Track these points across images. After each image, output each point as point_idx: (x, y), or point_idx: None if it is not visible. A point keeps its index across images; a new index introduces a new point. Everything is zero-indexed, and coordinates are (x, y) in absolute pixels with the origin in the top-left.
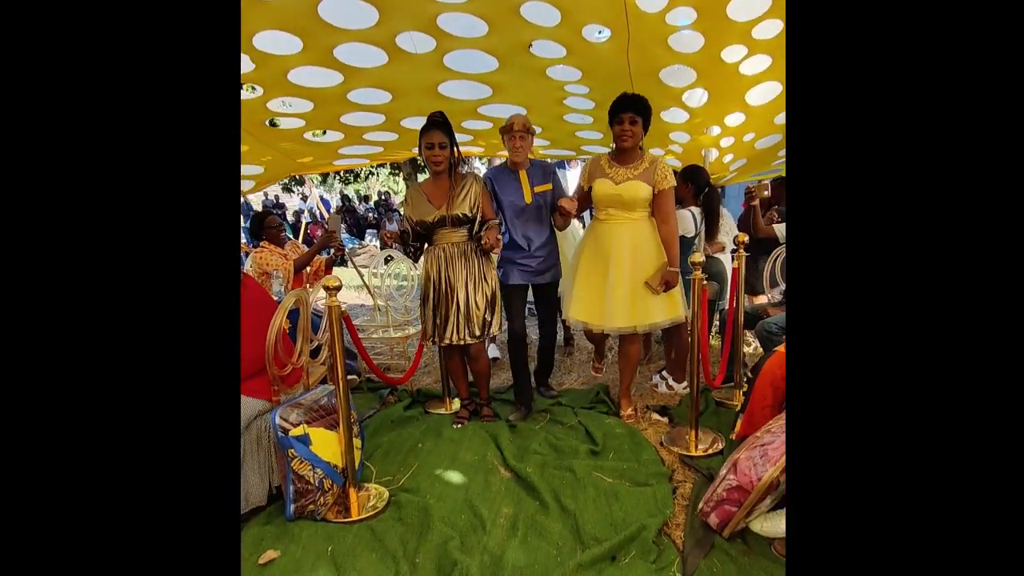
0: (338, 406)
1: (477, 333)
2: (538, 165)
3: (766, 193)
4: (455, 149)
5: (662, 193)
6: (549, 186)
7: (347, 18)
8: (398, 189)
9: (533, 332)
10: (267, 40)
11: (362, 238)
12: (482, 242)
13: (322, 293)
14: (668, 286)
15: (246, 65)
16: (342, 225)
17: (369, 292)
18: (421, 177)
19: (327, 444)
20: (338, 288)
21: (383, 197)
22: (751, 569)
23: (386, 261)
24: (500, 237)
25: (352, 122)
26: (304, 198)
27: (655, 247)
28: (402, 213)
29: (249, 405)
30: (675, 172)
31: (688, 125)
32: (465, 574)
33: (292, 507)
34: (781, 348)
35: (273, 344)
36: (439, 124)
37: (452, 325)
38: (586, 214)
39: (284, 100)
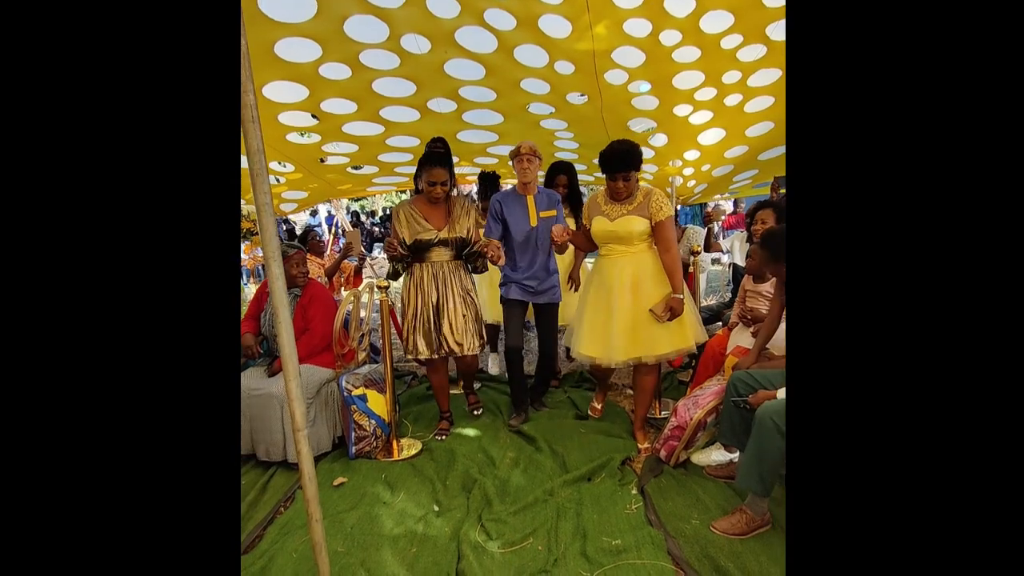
0: (385, 376)
1: (479, 343)
2: (545, 193)
3: (723, 217)
4: (452, 179)
5: (660, 224)
6: (554, 212)
7: (393, 90)
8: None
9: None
10: (332, 104)
11: (370, 251)
12: (489, 257)
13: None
14: (673, 313)
15: (311, 120)
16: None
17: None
18: None
19: (378, 403)
20: (387, 288)
21: (387, 212)
22: (687, 483)
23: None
24: (500, 246)
25: (387, 159)
26: (314, 213)
27: (658, 277)
28: (392, 230)
29: (319, 373)
30: None
31: (655, 159)
32: (482, 488)
33: (353, 448)
34: (719, 332)
35: (339, 330)
36: (442, 159)
37: (452, 337)
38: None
39: (335, 144)
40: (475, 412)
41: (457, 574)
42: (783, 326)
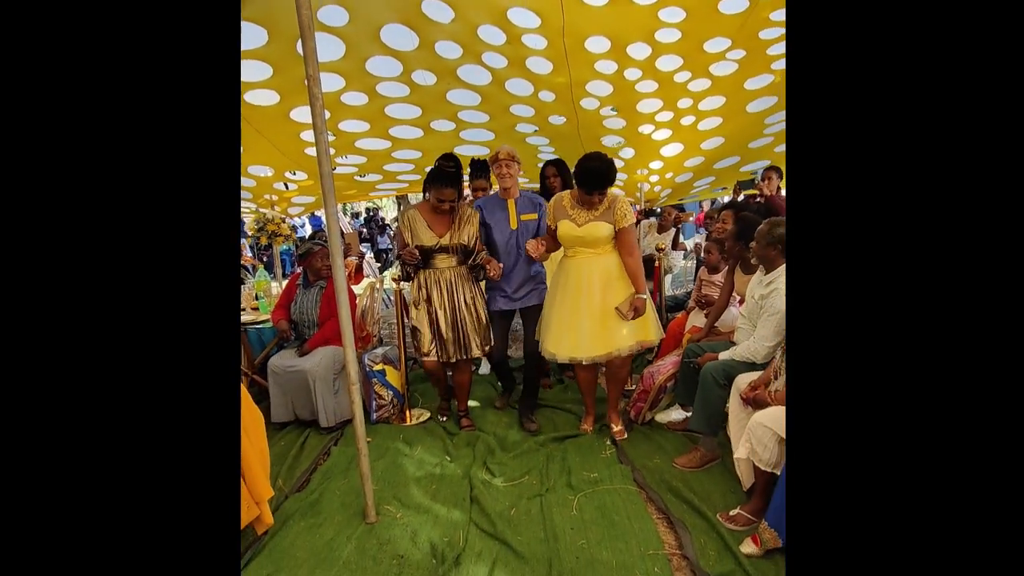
0: (399, 355)
1: (479, 351)
2: (526, 196)
3: (691, 219)
4: (460, 196)
5: (624, 231)
6: (535, 215)
7: (402, 113)
8: (382, 204)
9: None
10: (348, 124)
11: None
12: (490, 276)
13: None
14: (637, 312)
15: (331, 138)
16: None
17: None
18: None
19: (393, 377)
20: (399, 279)
21: (370, 213)
22: (652, 436)
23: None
24: (501, 267)
25: (391, 169)
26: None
27: (623, 277)
28: (398, 234)
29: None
30: None
31: (625, 168)
32: (485, 442)
33: (375, 415)
34: (679, 316)
35: (360, 317)
36: (452, 179)
37: (467, 342)
38: None
39: (345, 156)
40: (464, 430)
41: (471, 500)
42: (732, 309)
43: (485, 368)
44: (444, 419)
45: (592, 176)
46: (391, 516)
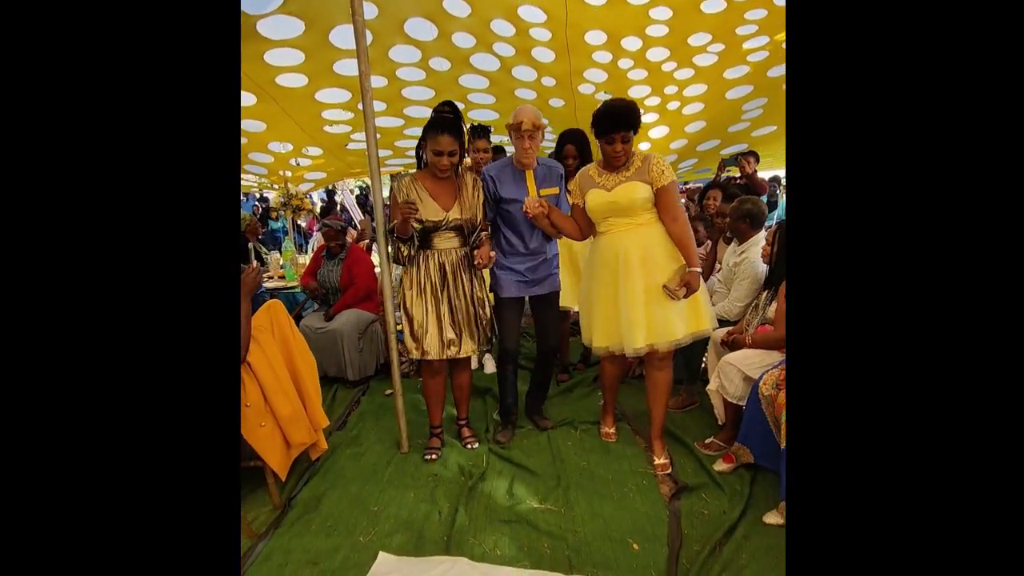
0: None
1: (490, 341)
2: (545, 165)
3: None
4: (463, 150)
5: (663, 190)
6: (556, 189)
7: (417, 95)
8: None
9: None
10: None
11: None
12: (475, 262)
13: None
14: (689, 289)
15: (350, 114)
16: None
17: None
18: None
19: None
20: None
21: (363, 191)
22: (640, 386)
23: None
24: (493, 254)
25: (401, 145)
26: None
27: (667, 251)
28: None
29: (365, 316)
30: None
31: None
32: (495, 396)
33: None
34: None
35: (380, 284)
36: (450, 126)
37: (467, 337)
38: None
39: (360, 133)
40: (468, 446)
41: (488, 435)
42: (711, 278)
43: (490, 367)
44: (432, 458)
45: (610, 113)
46: (421, 448)
